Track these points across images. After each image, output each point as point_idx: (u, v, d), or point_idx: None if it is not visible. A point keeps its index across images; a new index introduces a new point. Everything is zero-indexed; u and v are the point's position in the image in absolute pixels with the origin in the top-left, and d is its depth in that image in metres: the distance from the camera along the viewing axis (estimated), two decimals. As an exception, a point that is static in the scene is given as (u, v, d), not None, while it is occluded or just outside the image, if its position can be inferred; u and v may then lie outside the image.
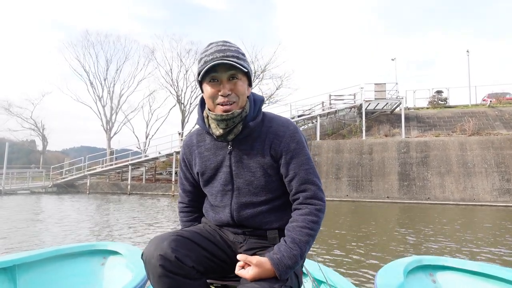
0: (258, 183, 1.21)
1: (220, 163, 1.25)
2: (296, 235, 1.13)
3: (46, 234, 6.23)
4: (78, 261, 2.32)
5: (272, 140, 1.21)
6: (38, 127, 34.03)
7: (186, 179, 1.40)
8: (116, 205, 12.37)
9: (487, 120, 18.03)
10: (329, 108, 20.23)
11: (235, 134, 1.20)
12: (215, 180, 1.27)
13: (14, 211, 10.21)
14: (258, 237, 1.26)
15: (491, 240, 5.98)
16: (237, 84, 1.16)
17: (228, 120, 1.16)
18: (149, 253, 1.07)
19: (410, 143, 16.32)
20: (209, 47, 1.17)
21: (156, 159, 22.56)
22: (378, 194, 15.41)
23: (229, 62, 1.11)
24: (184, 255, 1.07)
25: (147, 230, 6.82)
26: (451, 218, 9.43)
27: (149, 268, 1.07)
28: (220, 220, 1.28)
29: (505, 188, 14.15)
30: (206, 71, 1.14)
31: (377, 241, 5.82)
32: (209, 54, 1.15)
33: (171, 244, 1.07)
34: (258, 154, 1.21)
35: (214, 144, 1.27)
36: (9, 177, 21.32)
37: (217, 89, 1.16)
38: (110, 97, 32.71)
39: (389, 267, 1.91)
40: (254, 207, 1.22)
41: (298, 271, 1.19)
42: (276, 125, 1.23)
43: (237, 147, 1.23)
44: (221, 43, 1.18)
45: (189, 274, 1.06)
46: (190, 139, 1.36)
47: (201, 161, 1.29)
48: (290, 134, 1.21)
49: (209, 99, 1.18)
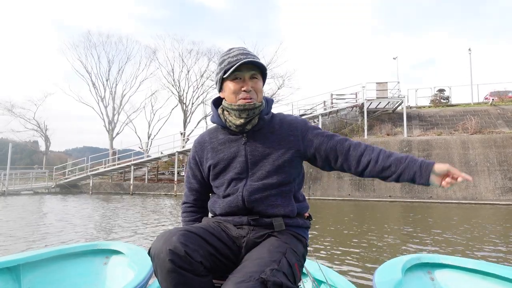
0: (271, 167, 1.32)
1: (235, 154, 1.35)
2: (394, 155, 1.29)
3: (49, 234, 6.28)
4: (81, 260, 2.34)
5: (288, 129, 1.37)
6: (41, 128, 34.18)
7: (194, 177, 1.47)
8: (119, 205, 12.42)
9: (489, 119, 17.96)
10: (331, 107, 20.20)
11: (252, 125, 1.34)
12: (229, 170, 1.35)
13: (18, 211, 10.28)
14: (262, 227, 1.29)
15: (491, 239, 5.98)
16: (257, 82, 1.33)
17: (249, 110, 1.31)
18: (158, 247, 1.07)
19: (412, 142, 16.29)
20: (231, 51, 1.34)
21: (158, 159, 22.59)
22: (381, 193, 15.40)
23: (255, 61, 1.28)
24: (193, 250, 1.07)
25: (149, 229, 6.85)
26: (452, 217, 9.42)
27: (158, 263, 1.06)
28: (230, 205, 1.32)
29: (507, 187, 14.10)
30: (232, 71, 1.29)
31: (378, 240, 5.82)
32: (233, 56, 1.31)
33: (180, 239, 1.07)
34: (273, 143, 1.34)
35: (227, 138, 1.38)
36: (12, 177, 21.42)
37: (240, 85, 1.31)
38: (112, 98, 32.85)
39: (387, 265, 1.93)
40: (264, 190, 1.30)
41: (292, 261, 1.16)
42: (289, 119, 1.41)
43: (252, 138, 1.36)
44: (242, 48, 1.35)
45: (197, 270, 1.07)
46: (202, 137, 1.47)
47: (214, 154, 1.39)
48: (303, 123, 1.40)
49: (232, 94, 1.32)
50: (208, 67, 32.25)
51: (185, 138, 26.47)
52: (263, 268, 1.03)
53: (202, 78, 32.62)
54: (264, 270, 1.02)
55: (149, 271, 1.93)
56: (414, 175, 1.22)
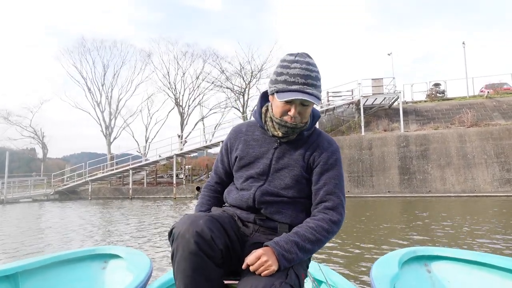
0: (290, 181, 1.30)
1: (262, 154, 1.34)
2: (301, 229, 1.17)
3: (48, 241, 6.27)
4: (80, 266, 2.34)
5: (315, 149, 1.32)
6: (37, 135, 34.17)
7: (222, 161, 1.48)
8: (118, 210, 12.40)
9: (485, 111, 18.04)
10: (327, 105, 20.26)
11: (289, 139, 1.32)
12: (251, 167, 1.35)
13: (16, 220, 10.25)
14: (267, 230, 1.29)
15: (489, 230, 6.01)
16: (307, 110, 1.26)
17: (290, 128, 1.27)
18: (184, 228, 1.06)
19: (410, 137, 16.35)
20: (292, 64, 1.21)
21: (156, 162, 22.59)
22: (379, 189, 15.44)
23: (307, 100, 1.19)
24: (217, 237, 1.08)
25: (148, 232, 6.85)
26: (451, 210, 9.46)
27: (181, 242, 1.04)
28: (240, 199, 1.32)
29: (505, 178, 14.17)
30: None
31: (376, 235, 5.85)
32: (292, 75, 1.20)
33: (207, 223, 1.07)
34: (299, 157, 1.31)
35: (262, 137, 1.37)
36: (10, 186, 21.36)
37: (288, 107, 1.24)
38: (108, 102, 32.87)
39: (384, 259, 1.94)
40: (277, 196, 1.29)
41: (299, 272, 1.18)
42: (322, 139, 1.36)
43: (283, 145, 1.34)
44: (305, 64, 1.21)
45: (217, 257, 1.07)
46: (239, 127, 1.46)
47: (244, 147, 1.38)
48: (332, 150, 1.34)
49: (277, 109, 1.26)
50: (203, 68, 32.28)
51: (182, 141, 26.47)
52: (272, 281, 1.04)
53: (198, 80, 32.65)
54: (273, 283, 1.03)
55: (147, 274, 1.93)
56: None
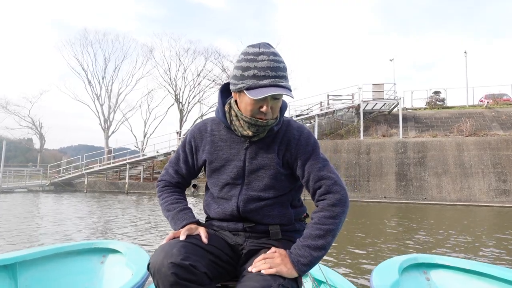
0: (269, 181, 1.25)
1: (233, 156, 1.27)
2: (308, 230, 1.18)
3: (45, 232, 6.24)
4: (78, 259, 2.33)
5: (288, 143, 1.25)
6: (35, 126, 33.97)
7: (185, 162, 1.38)
8: (114, 204, 12.37)
9: (484, 121, 18.12)
10: (327, 108, 20.27)
11: (258, 138, 1.25)
12: (224, 172, 1.28)
13: (12, 209, 10.20)
14: (259, 234, 1.27)
15: (485, 240, 6.04)
16: (278, 103, 1.19)
17: (261, 126, 1.20)
18: (158, 262, 1.02)
19: (408, 144, 16.39)
20: (259, 56, 1.12)
21: (154, 158, 22.53)
22: (376, 194, 15.47)
23: (282, 94, 1.13)
24: (196, 261, 1.04)
25: (145, 226, 6.84)
26: (446, 218, 9.49)
27: (159, 278, 1.02)
28: (224, 212, 1.28)
29: (501, 189, 14.24)
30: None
31: (373, 240, 5.86)
32: (261, 68, 1.11)
33: (181, 251, 1.04)
34: (273, 155, 1.25)
35: (230, 136, 1.28)
36: (6, 175, 21.26)
37: (259, 105, 1.16)
38: (108, 96, 32.71)
39: (384, 266, 1.95)
40: (260, 200, 1.25)
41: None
42: (291, 129, 1.28)
43: (254, 144, 1.26)
44: (272, 55, 1.13)
45: (201, 280, 1.04)
46: (203, 125, 1.35)
47: (212, 150, 1.30)
48: (304, 137, 1.26)
49: (247, 107, 1.17)
50: (205, 66, 32.22)
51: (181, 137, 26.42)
52: (270, 283, 1.03)
53: (199, 77, 32.59)
54: (271, 284, 1.03)
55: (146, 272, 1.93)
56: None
